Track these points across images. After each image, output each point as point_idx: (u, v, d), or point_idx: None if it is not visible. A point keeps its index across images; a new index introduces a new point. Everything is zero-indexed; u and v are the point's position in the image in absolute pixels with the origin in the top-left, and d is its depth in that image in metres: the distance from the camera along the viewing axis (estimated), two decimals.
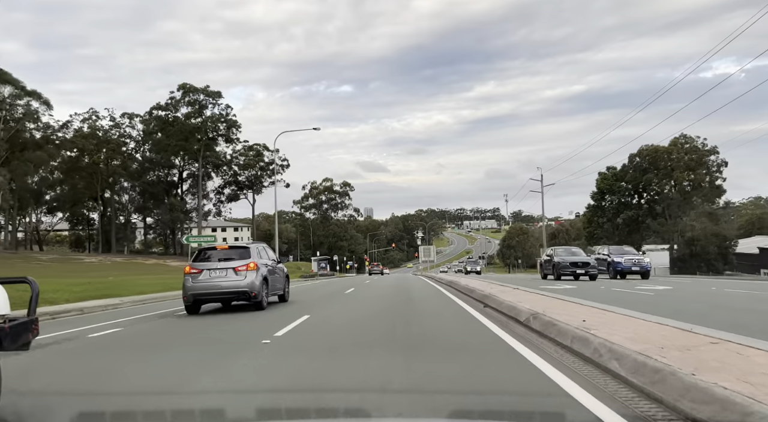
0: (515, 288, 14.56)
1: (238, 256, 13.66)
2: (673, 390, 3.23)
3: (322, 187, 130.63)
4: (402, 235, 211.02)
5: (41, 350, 7.04)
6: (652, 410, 3.51)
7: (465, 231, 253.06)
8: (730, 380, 3.26)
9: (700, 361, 3.58)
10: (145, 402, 4.50)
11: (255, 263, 13.54)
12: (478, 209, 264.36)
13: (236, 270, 13.49)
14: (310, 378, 5.06)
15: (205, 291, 13.27)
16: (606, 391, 4.09)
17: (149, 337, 9.01)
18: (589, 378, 4.46)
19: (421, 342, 6.93)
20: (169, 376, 5.42)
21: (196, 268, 13.36)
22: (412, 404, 4.09)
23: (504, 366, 5.09)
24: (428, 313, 10.82)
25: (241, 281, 13.39)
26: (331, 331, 8.61)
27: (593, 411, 3.61)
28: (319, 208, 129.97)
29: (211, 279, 13.32)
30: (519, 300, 10.07)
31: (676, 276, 39.55)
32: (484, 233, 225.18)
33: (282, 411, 4.09)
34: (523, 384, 4.38)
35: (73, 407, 4.41)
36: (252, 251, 13.73)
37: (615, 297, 12.74)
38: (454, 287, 18.63)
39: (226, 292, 13.42)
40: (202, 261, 13.47)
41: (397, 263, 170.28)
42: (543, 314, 7.55)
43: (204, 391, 4.71)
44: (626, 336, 4.89)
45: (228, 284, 13.37)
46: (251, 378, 5.23)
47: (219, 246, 14.51)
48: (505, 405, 3.84)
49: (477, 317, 9.67)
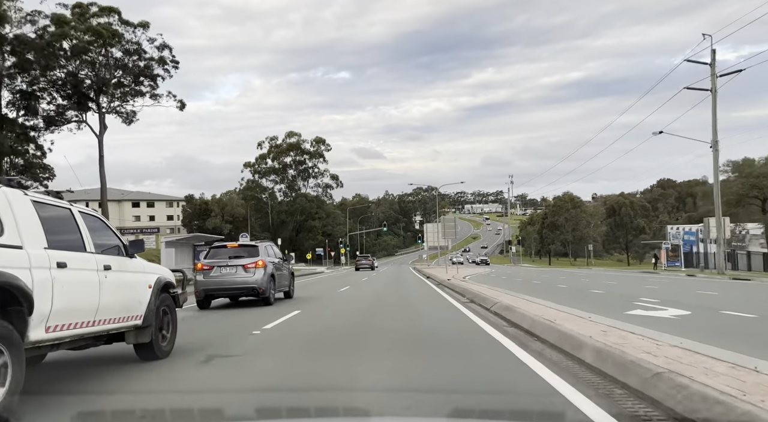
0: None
1: (247, 254, 15.17)
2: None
3: (285, 144, 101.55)
4: (398, 218, 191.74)
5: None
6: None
7: (468, 216, 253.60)
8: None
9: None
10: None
11: (263, 261, 15.08)
12: (479, 193, 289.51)
13: (245, 267, 14.81)
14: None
15: (216, 287, 14.84)
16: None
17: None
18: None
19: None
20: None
21: (207, 265, 15.04)
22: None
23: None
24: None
25: (250, 278, 14.74)
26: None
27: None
28: (282, 173, 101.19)
29: (222, 276, 14.82)
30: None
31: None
32: (489, 216, 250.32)
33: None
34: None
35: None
36: (260, 249, 15.53)
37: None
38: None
39: (236, 288, 14.89)
40: (213, 258, 15.24)
41: (391, 250, 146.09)
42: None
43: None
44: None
45: (238, 280, 14.77)
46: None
47: (229, 244, 16.55)
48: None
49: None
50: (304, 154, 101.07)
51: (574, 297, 15.63)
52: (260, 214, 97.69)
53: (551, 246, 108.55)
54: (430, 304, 14.41)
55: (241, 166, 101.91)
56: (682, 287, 20.95)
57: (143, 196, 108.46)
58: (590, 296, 16.56)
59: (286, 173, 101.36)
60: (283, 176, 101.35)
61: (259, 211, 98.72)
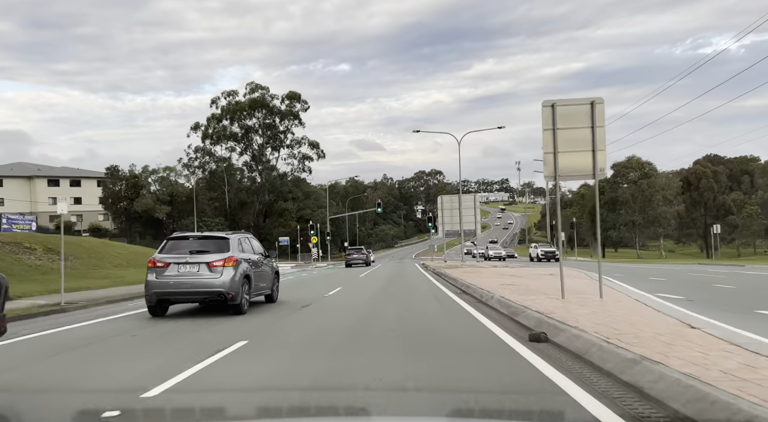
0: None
1: (215, 248, 12.38)
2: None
3: (247, 100, 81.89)
4: (397, 205, 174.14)
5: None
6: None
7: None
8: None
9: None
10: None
11: (234, 257, 12.34)
12: (484, 181, 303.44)
13: (211, 265, 11.97)
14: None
15: (172, 290, 12.06)
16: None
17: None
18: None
19: None
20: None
21: (161, 261, 12.35)
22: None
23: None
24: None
25: (216, 279, 11.92)
26: None
27: None
28: (244, 140, 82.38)
29: (180, 276, 12.09)
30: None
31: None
32: (495, 205, 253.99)
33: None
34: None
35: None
36: (232, 243, 12.76)
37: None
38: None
39: (198, 292, 12.10)
40: (170, 252, 12.52)
41: (390, 242, 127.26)
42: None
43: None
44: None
45: (200, 282, 11.95)
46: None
47: (192, 235, 13.72)
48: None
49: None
50: (274, 115, 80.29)
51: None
52: (215, 194, 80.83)
53: (610, 232, 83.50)
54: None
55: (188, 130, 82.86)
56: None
57: (69, 172, 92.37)
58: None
59: (250, 140, 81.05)
60: (246, 144, 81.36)
61: (213, 189, 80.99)
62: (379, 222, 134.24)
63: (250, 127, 79.69)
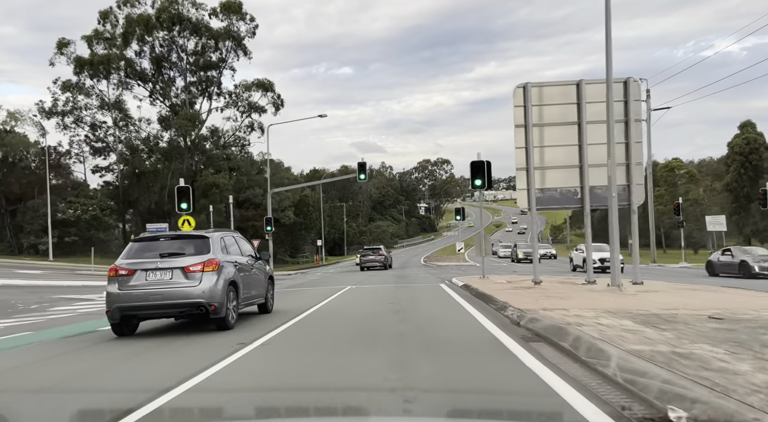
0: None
1: (192, 250, 10.22)
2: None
3: (155, 10, 54.16)
4: (398, 198, 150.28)
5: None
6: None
7: (478, 203, 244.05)
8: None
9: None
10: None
11: (216, 260, 10.17)
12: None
13: (187, 270, 9.77)
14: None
15: (140, 304, 9.77)
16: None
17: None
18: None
19: None
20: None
21: (125, 268, 9.98)
22: None
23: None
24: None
25: (194, 288, 9.71)
26: None
27: None
28: (155, 76, 56.22)
29: (150, 285, 9.82)
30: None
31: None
32: (503, 204, 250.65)
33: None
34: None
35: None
36: (213, 242, 10.58)
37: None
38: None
39: (171, 305, 9.79)
40: (136, 257, 10.21)
41: (388, 241, 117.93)
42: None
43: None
44: None
45: (174, 292, 9.72)
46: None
47: (163, 235, 11.46)
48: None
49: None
50: (200, 35, 53.06)
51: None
52: (104, 162, 58.43)
53: (750, 222, 61.39)
54: None
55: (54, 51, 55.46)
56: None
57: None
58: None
59: (161, 74, 53.72)
60: (154, 80, 54.15)
61: (94, 152, 57.69)
62: (375, 218, 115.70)
63: (164, 58, 53.98)
